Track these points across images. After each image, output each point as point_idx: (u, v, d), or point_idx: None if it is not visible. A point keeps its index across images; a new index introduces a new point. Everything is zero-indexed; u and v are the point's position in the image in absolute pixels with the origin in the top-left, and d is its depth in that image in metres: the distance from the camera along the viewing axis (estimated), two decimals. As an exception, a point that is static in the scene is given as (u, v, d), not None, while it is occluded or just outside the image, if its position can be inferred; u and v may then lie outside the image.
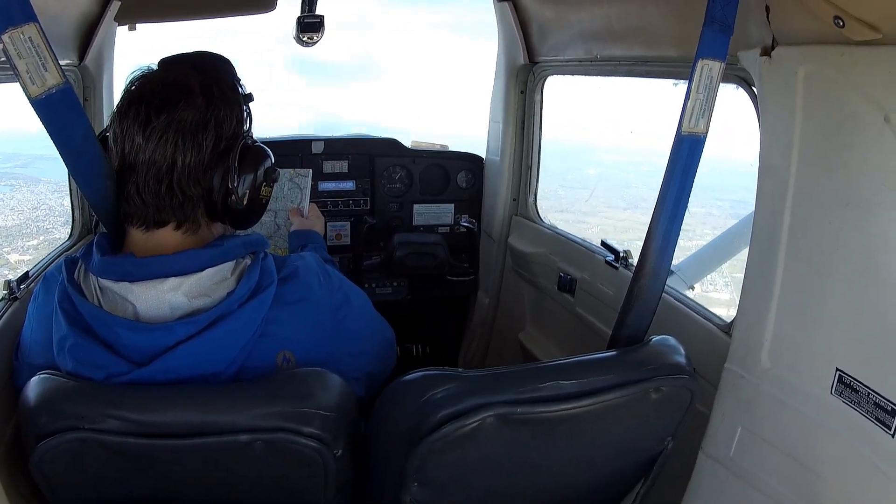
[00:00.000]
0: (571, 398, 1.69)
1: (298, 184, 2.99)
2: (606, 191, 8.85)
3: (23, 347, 1.87)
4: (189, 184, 1.71)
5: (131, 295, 1.67)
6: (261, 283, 1.74)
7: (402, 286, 4.18)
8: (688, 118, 1.86)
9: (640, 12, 2.70)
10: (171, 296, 1.67)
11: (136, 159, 1.69)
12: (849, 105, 1.76)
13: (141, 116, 1.68)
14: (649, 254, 1.95)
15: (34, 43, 1.56)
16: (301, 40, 3.45)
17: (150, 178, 1.69)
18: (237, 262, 1.76)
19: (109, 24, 3.08)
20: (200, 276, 1.69)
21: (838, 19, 1.65)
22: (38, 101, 1.61)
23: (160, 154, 1.68)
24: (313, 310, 1.85)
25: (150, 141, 1.67)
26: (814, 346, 1.89)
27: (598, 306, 3.18)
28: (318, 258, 1.97)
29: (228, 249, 1.74)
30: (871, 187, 1.72)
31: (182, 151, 1.69)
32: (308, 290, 1.85)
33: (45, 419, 1.57)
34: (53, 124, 1.65)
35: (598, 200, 8.89)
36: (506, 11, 3.69)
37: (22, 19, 1.55)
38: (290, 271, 1.83)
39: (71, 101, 1.65)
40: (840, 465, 1.82)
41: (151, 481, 1.69)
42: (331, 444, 1.63)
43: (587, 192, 9.31)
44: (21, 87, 1.59)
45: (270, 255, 1.84)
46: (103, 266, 1.69)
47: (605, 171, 9.80)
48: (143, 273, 1.67)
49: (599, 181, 9.65)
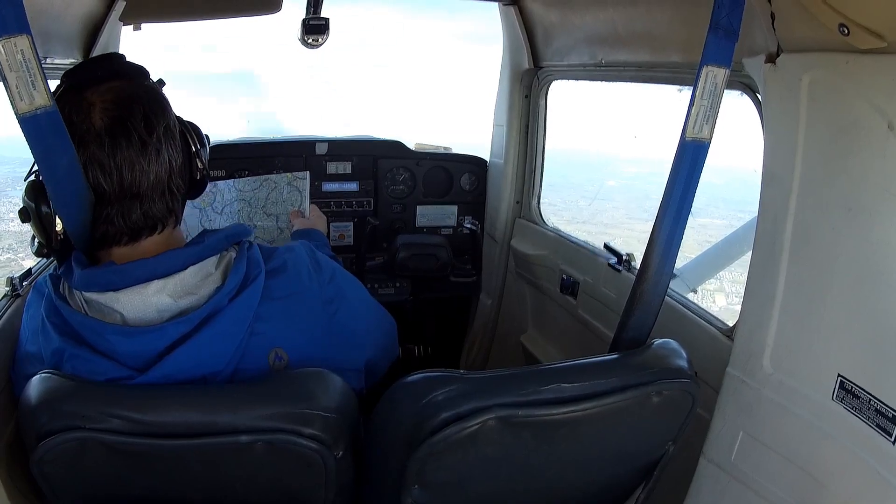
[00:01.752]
0: (573, 401, 1.69)
1: (297, 187, 3.00)
2: (627, 202, 8.81)
3: (18, 358, 1.86)
4: (178, 180, 1.75)
5: (117, 303, 1.65)
6: (249, 275, 1.74)
7: (404, 287, 4.18)
8: (692, 124, 1.87)
9: (646, 18, 2.70)
10: (156, 298, 1.66)
11: (141, 184, 1.67)
12: (853, 112, 1.76)
13: (135, 141, 1.65)
14: (652, 257, 1.95)
15: (25, 57, 1.51)
16: (306, 42, 3.45)
17: (156, 196, 1.70)
18: (221, 255, 1.75)
19: (114, 23, 3.08)
20: (184, 274, 1.68)
21: (843, 27, 1.65)
22: (25, 119, 1.55)
23: (162, 168, 1.69)
24: (303, 304, 1.83)
25: (151, 163, 1.67)
26: (815, 352, 1.89)
27: (601, 309, 3.18)
28: (309, 248, 1.95)
29: (210, 245, 1.74)
30: (873, 194, 1.73)
31: (175, 157, 1.73)
32: (297, 283, 1.83)
33: (45, 418, 1.56)
34: (38, 146, 1.58)
35: (619, 212, 8.86)
36: (511, 16, 3.70)
37: (15, 29, 1.50)
38: (278, 264, 1.82)
39: (57, 126, 1.58)
40: (841, 471, 1.82)
41: (152, 481, 1.69)
42: (331, 445, 1.62)
43: (609, 203, 9.30)
44: (9, 99, 1.54)
45: (256, 244, 1.84)
46: (85, 279, 1.67)
47: (626, 182, 9.76)
48: (126, 280, 1.65)
49: (618, 192, 9.62)
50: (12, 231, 7.05)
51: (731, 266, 4.25)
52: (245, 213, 2.96)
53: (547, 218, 3.97)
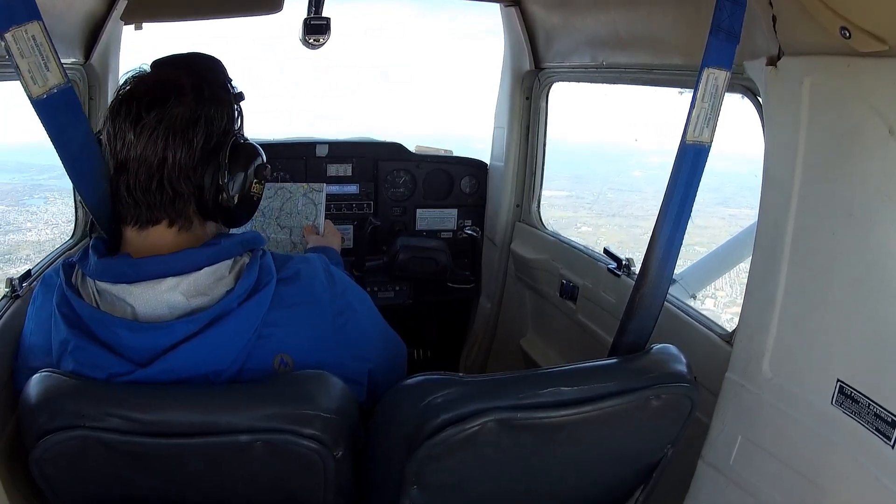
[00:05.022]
0: (572, 404, 1.69)
1: (313, 199, 2.96)
2: (657, 193, 8.77)
3: (22, 350, 1.87)
4: (179, 180, 1.71)
5: (129, 296, 1.67)
6: (260, 281, 1.74)
7: (404, 290, 4.18)
8: (692, 127, 1.87)
9: (647, 20, 2.71)
10: (168, 295, 1.67)
11: (128, 156, 1.69)
12: (854, 116, 1.76)
13: (132, 113, 1.68)
14: (652, 262, 1.95)
15: (37, 41, 1.55)
16: (307, 42, 3.44)
17: (141, 175, 1.69)
18: (235, 260, 1.76)
19: (116, 22, 3.09)
20: (198, 275, 1.69)
21: (845, 30, 1.65)
22: (39, 102, 1.59)
23: (151, 150, 1.68)
24: (313, 314, 1.84)
25: (140, 137, 1.67)
26: (815, 357, 1.89)
27: (600, 314, 3.18)
28: (324, 261, 1.96)
29: (225, 248, 1.74)
30: (874, 199, 1.72)
31: (172, 148, 1.69)
32: (309, 293, 1.84)
33: (45, 417, 1.57)
34: (53, 125, 1.64)
35: (649, 203, 8.77)
36: (512, 17, 3.70)
37: (25, 17, 1.53)
38: (291, 273, 1.83)
39: (72, 101, 1.65)
40: (840, 475, 1.82)
41: (151, 480, 1.69)
42: (331, 445, 1.62)
43: (637, 194, 9.22)
44: (22, 86, 1.58)
45: (269, 252, 1.84)
46: (100, 268, 1.69)
47: (652, 172, 9.65)
48: (139, 274, 1.67)
49: (645, 183, 9.49)
50: (30, 241, 6.96)
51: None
52: (258, 223, 2.92)
53: (547, 222, 3.97)
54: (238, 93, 1.86)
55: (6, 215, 7.31)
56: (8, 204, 7.50)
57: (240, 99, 1.86)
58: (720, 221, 7.04)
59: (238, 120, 1.85)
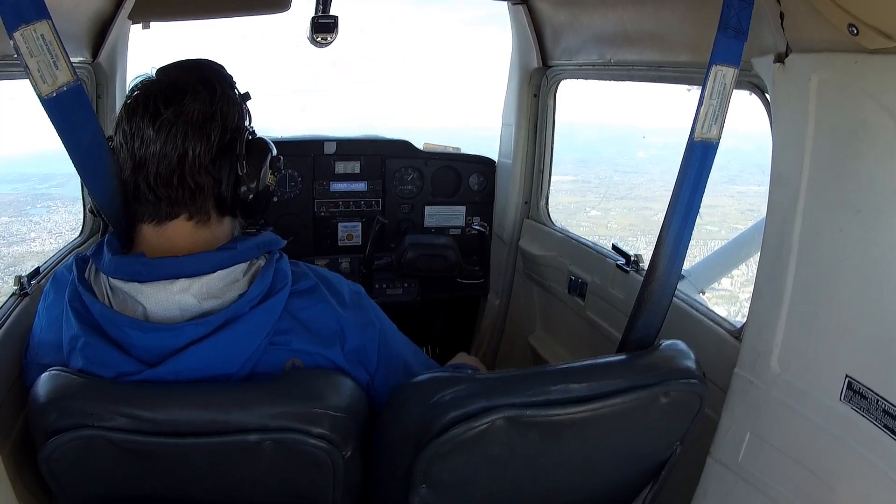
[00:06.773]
0: (581, 401, 1.69)
1: None
2: (662, 174, 8.68)
3: (32, 346, 1.88)
4: (200, 174, 1.73)
5: (141, 295, 1.68)
6: (274, 286, 1.75)
7: (412, 287, 4.18)
8: (700, 124, 1.86)
9: (655, 17, 2.70)
10: (180, 297, 1.67)
11: (147, 153, 1.70)
12: (861, 113, 1.76)
13: (150, 111, 1.69)
14: (660, 258, 1.95)
15: (46, 40, 1.55)
16: (315, 41, 3.44)
17: (162, 170, 1.70)
18: (251, 263, 1.76)
19: (123, 21, 3.10)
20: (211, 277, 1.70)
21: (852, 27, 1.65)
22: (49, 100, 1.60)
23: (171, 146, 1.69)
24: (327, 325, 1.83)
25: (160, 133, 1.69)
26: (823, 353, 1.89)
27: (609, 310, 3.18)
28: (355, 285, 1.98)
29: (241, 251, 1.75)
30: (882, 195, 1.72)
31: (192, 142, 1.70)
32: (324, 304, 1.84)
33: (54, 416, 1.57)
34: (63, 123, 1.64)
35: (656, 184, 8.69)
36: (520, 15, 3.70)
37: (34, 16, 1.54)
38: (310, 284, 1.83)
39: (81, 99, 1.65)
40: (848, 472, 1.82)
41: (159, 479, 1.69)
42: (340, 444, 1.63)
43: (643, 176, 9.14)
44: (31, 85, 1.58)
45: (286, 256, 1.85)
46: (114, 265, 1.70)
47: (656, 153, 9.57)
48: (153, 274, 1.67)
49: (650, 164, 9.40)
50: (34, 252, 6.92)
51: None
52: None
53: (556, 209, 3.97)
54: (244, 93, 1.87)
55: (9, 226, 7.28)
56: (11, 214, 7.45)
57: (246, 98, 1.87)
58: (729, 199, 7.00)
59: (247, 117, 1.87)
